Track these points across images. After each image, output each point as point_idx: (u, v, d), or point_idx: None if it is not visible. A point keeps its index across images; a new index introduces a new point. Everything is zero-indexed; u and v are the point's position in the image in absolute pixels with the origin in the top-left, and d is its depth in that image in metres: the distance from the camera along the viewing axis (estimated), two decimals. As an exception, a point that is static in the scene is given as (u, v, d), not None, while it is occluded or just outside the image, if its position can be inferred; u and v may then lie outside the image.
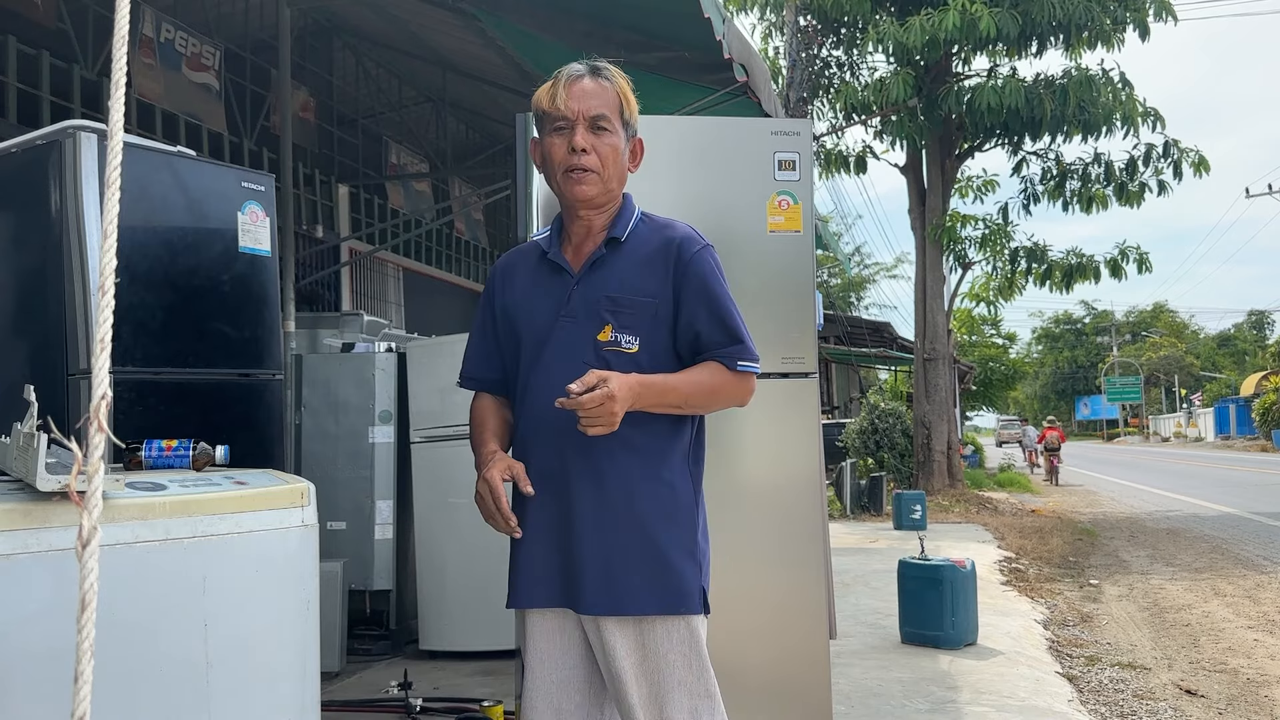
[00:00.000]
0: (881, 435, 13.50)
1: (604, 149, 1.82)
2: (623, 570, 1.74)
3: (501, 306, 1.91)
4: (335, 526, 4.53)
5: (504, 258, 2.00)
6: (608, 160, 1.83)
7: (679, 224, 1.93)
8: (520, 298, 1.89)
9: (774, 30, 14.09)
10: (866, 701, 3.85)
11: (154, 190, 2.56)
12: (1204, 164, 12.56)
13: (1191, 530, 10.68)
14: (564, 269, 1.85)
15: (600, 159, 1.81)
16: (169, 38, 7.24)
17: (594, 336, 1.79)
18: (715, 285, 1.86)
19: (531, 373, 1.83)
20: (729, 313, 1.87)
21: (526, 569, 1.80)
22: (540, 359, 1.81)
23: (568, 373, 1.71)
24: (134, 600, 1.61)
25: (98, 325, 0.76)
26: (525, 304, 1.88)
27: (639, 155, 1.95)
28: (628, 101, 1.88)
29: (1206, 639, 5.49)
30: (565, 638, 1.80)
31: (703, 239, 1.90)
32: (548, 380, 1.77)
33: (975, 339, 31.12)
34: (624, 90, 1.88)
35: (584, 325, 1.80)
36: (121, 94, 0.80)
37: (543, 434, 1.80)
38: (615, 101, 1.86)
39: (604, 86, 1.85)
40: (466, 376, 1.98)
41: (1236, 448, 36.61)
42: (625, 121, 1.88)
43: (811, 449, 2.79)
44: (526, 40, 5.42)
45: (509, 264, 1.97)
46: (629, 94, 1.88)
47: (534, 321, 1.85)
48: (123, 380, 2.42)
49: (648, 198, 2.72)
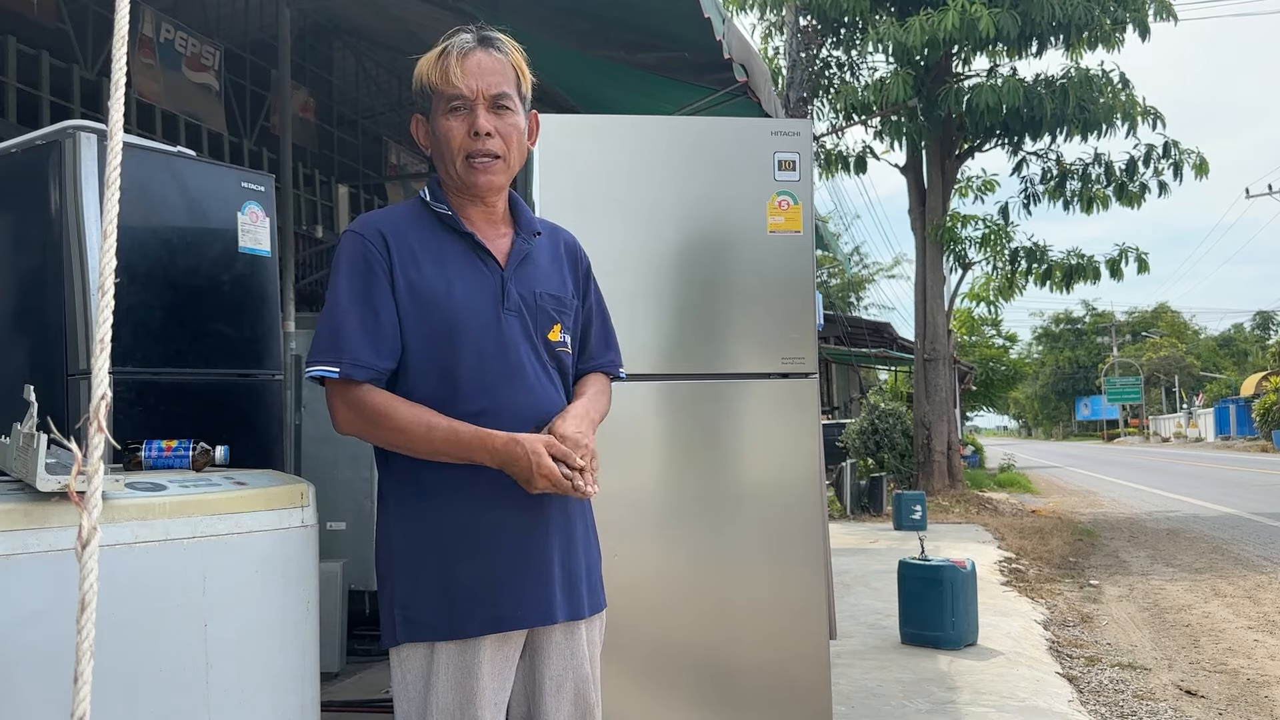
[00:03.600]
0: (881, 435, 13.49)
1: (507, 130, 1.66)
2: (592, 566, 1.77)
3: (410, 283, 1.62)
4: (335, 526, 4.53)
5: (379, 221, 1.68)
6: (512, 143, 1.67)
7: (549, 220, 1.90)
8: (434, 279, 1.64)
9: (774, 30, 14.09)
10: (866, 702, 3.85)
11: (154, 190, 2.56)
12: (1204, 166, 12.56)
13: (1192, 531, 10.68)
14: (491, 257, 1.68)
15: (505, 141, 1.66)
16: (169, 38, 7.24)
17: (544, 335, 1.70)
18: (599, 290, 1.90)
19: (485, 365, 1.63)
20: (609, 319, 1.90)
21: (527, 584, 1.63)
22: (498, 353, 1.63)
23: (535, 374, 1.66)
24: (134, 600, 1.61)
25: (98, 325, 0.75)
26: (444, 287, 1.63)
27: (536, 131, 1.78)
28: (524, 74, 1.71)
29: (1207, 639, 5.49)
30: (510, 664, 1.65)
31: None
32: (519, 379, 1.64)
33: (975, 339, 31.12)
34: (519, 62, 1.71)
35: (528, 322, 1.68)
36: (121, 94, 0.80)
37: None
38: (513, 76, 1.69)
39: (500, 60, 1.68)
40: (354, 362, 1.57)
41: (1237, 448, 36.61)
42: (523, 96, 1.71)
43: (811, 449, 2.79)
44: (526, 40, 5.41)
45: (394, 229, 1.66)
46: (524, 65, 1.72)
47: (475, 308, 1.64)
48: (123, 380, 2.42)
49: (648, 198, 2.73)
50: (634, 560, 2.60)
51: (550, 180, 2.66)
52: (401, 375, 1.62)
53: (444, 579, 1.60)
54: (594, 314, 1.86)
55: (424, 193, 1.73)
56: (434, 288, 1.63)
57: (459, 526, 1.60)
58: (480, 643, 1.59)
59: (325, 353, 1.59)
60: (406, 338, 1.62)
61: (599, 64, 5.02)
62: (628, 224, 2.71)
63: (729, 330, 2.73)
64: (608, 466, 2.64)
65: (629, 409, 2.65)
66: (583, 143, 2.71)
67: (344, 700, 3.68)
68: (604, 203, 2.68)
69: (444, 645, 1.58)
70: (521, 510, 1.62)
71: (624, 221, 2.71)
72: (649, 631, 2.60)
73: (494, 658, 1.60)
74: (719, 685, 2.63)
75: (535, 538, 1.64)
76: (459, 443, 1.56)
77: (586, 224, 2.59)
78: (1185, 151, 12.63)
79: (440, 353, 1.62)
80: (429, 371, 1.62)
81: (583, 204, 2.66)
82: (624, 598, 2.56)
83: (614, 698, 2.55)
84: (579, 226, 2.55)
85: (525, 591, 1.61)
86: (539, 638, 1.67)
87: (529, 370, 1.66)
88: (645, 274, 2.69)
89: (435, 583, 1.60)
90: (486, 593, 1.59)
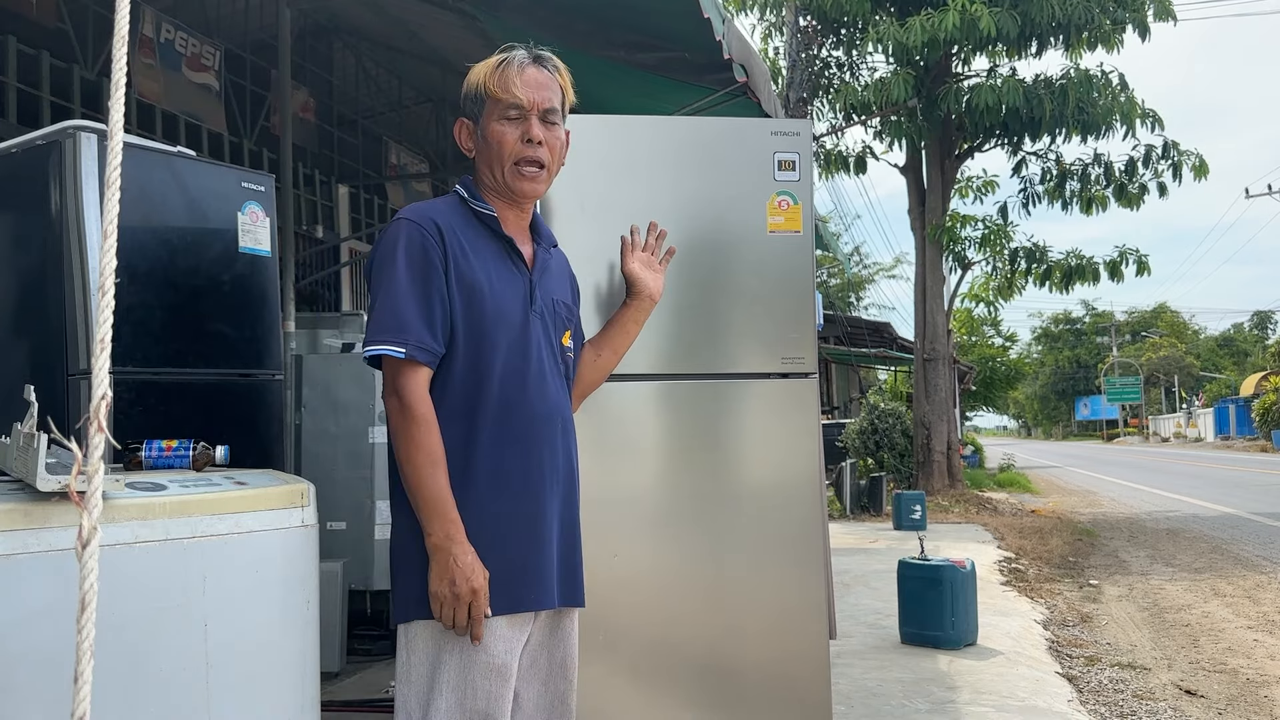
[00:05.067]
0: (881, 435, 13.49)
1: (554, 142, 1.79)
2: (580, 560, 1.85)
3: (460, 275, 1.69)
4: (335, 526, 4.53)
5: (432, 212, 1.74)
6: (556, 154, 1.80)
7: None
8: (481, 274, 1.71)
9: (774, 30, 14.10)
10: (866, 701, 3.85)
11: (154, 190, 2.56)
12: (1203, 168, 12.57)
13: (1191, 530, 10.68)
14: (522, 259, 1.79)
15: (550, 152, 1.78)
16: (169, 38, 7.24)
17: (558, 340, 1.82)
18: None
19: (510, 363, 1.71)
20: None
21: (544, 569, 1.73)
22: (521, 352, 1.72)
23: (552, 374, 1.76)
24: (134, 600, 1.61)
25: (98, 325, 0.76)
26: (488, 283, 1.72)
27: (568, 147, 1.90)
28: (568, 93, 1.83)
29: (1206, 639, 5.49)
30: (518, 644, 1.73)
31: None
32: (538, 379, 1.74)
33: (975, 339, 31.12)
34: (565, 83, 1.82)
35: (548, 325, 1.79)
36: (121, 94, 0.80)
37: (526, 430, 1.72)
38: (560, 94, 1.81)
39: (550, 77, 1.79)
40: (419, 345, 1.63)
41: (1236, 448, 36.61)
42: (564, 115, 1.84)
43: (811, 449, 2.79)
44: (526, 41, 5.42)
45: (448, 224, 1.73)
46: (569, 85, 1.84)
47: (507, 308, 1.73)
48: (123, 380, 2.42)
49: (649, 198, 2.72)
50: (633, 560, 2.60)
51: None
52: (443, 363, 1.68)
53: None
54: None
55: (461, 190, 1.80)
56: (479, 283, 1.70)
57: (478, 519, 1.65)
58: (491, 623, 1.64)
59: (390, 332, 1.63)
60: (453, 328, 1.68)
61: (599, 64, 5.02)
62: (628, 224, 2.71)
63: (729, 330, 2.73)
64: (608, 467, 2.64)
65: (629, 409, 2.65)
66: (582, 142, 2.70)
67: (344, 700, 3.68)
68: (603, 203, 2.68)
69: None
70: (533, 507, 1.72)
71: (624, 221, 2.71)
72: (648, 631, 2.59)
73: (503, 637, 1.67)
74: (718, 685, 2.63)
75: (542, 533, 1.72)
76: (432, 499, 1.60)
77: (586, 224, 2.59)
78: (1185, 153, 12.64)
79: (477, 346, 1.69)
80: (464, 362, 1.68)
81: (582, 204, 2.66)
82: (623, 597, 2.56)
83: (612, 697, 2.55)
84: (579, 226, 2.57)
85: (531, 579, 1.70)
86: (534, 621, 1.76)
87: (547, 370, 1.76)
88: (645, 274, 2.69)
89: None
90: (500, 580, 1.65)
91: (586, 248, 2.49)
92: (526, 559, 1.70)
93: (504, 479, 1.68)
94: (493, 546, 1.66)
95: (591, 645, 2.39)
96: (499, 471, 1.68)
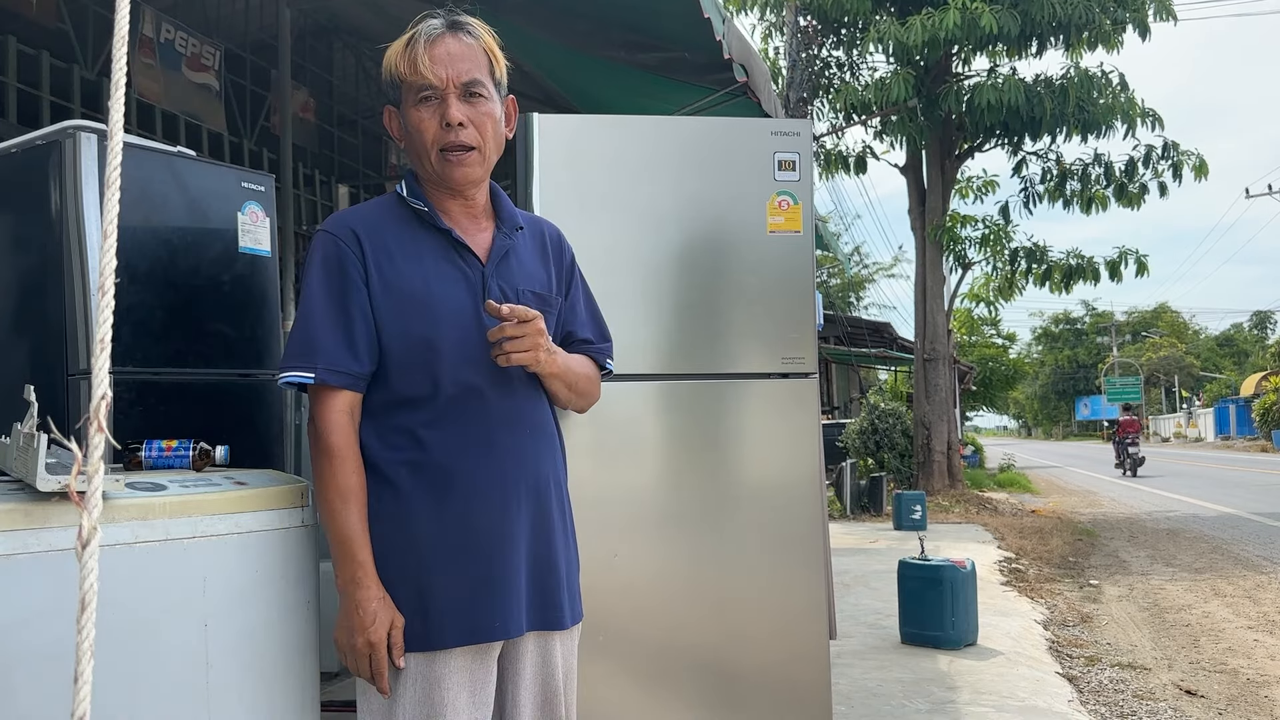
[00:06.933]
0: (881, 435, 13.49)
1: (481, 119, 1.58)
2: (571, 576, 1.72)
3: (386, 282, 1.56)
4: (335, 526, 4.52)
5: (353, 220, 1.61)
6: (486, 132, 1.59)
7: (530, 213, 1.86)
8: (416, 276, 1.57)
9: (774, 30, 14.09)
10: (866, 702, 3.85)
11: (154, 190, 2.56)
12: (1204, 168, 12.58)
13: (1191, 530, 10.68)
14: (470, 253, 1.62)
15: (479, 131, 1.58)
16: (169, 38, 7.24)
17: None
18: (585, 280, 1.85)
19: (459, 366, 1.57)
20: (599, 310, 1.85)
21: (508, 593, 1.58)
22: (474, 352, 1.57)
23: (518, 373, 1.60)
24: (134, 601, 1.61)
25: (98, 325, 0.75)
26: (424, 284, 1.57)
27: (514, 116, 1.71)
28: (496, 58, 1.63)
29: (1206, 639, 5.49)
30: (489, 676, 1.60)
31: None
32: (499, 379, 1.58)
33: (975, 339, 31.11)
34: (490, 45, 1.62)
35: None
36: (121, 94, 0.80)
37: (484, 437, 1.58)
38: (485, 61, 1.60)
39: (469, 44, 1.59)
40: (330, 367, 1.51)
41: (1237, 448, 36.61)
42: (497, 82, 1.63)
43: (811, 449, 2.79)
44: (527, 41, 5.42)
45: (367, 227, 1.59)
46: (496, 49, 1.63)
47: (452, 307, 1.57)
48: (123, 380, 2.42)
49: (648, 198, 2.72)
50: (633, 560, 2.60)
51: (550, 180, 2.66)
52: (382, 378, 1.57)
53: (416, 589, 1.56)
54: (581, 304, 1.81)
55: (400, 187, 1.65)
56: (411, 286, 1.56)
57: (432, 536, 1.55)
58: (449, 655, 1.55)
59: (299, 358, 1.54)
60: (385, 339, 1.56)
61: (600, 64, 5.02)
62: (628, 224, 2.71)
63: (729, 330, 2.73)
64: (608, 467, 2.64)
65: (629, 409, 2.65)
66: (583, 142, 2.71)
67: (344, 700, 3.67)
68: (604, 202, 2.68)
69: (410, 656, 1.56)
70: (495, 521, 1.58)
71: (624, 221, 2.71)
72: (648, 632, 2.59)
73: (465, 669, 1.56)
74: (718, 685, 2.63)
75: (507, 550, 1.58)
76: (340, 538, 1.53)
77: (586, 224, 2.59)
78: (1185, 153, 12.64)
79: (421, 354, 1.56)
80: (410, 373, 1.56)
81: (583, 204, 2.66)
82: (623, 598, 2.56)
83: (613, 698, 2.55)
84: (579, 226, 2.56)
85: (495, 604, 1.56)
86: (512, 649, 1.63)
87: (511, 370, 1.58)
88: (645, 274, 2.69)
89: (406, 593, 1.56)
90: (456, 605, 1.55)
91: (587, 248, 2.49)
92: (487, 580, 1.56)
93: (458, 492, 1.55)
94: (445, 568, 1.54)
95: (591, 646, 2.39)
96: (452, 485, 1.55)
